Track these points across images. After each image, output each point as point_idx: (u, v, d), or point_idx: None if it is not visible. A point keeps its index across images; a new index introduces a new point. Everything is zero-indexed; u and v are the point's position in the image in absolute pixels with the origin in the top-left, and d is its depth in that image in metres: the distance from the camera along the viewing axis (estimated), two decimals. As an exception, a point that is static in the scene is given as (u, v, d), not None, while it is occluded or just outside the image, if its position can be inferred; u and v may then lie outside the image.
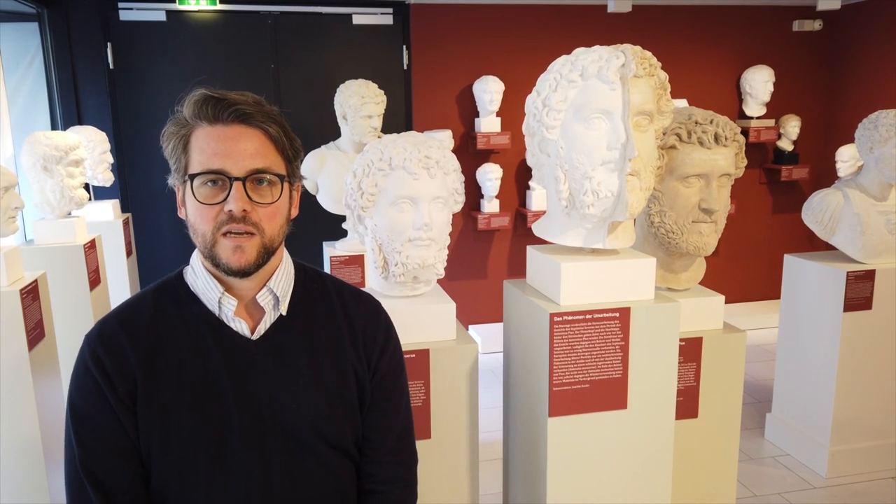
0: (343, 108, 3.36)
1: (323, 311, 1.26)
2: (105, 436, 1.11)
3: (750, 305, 5.46)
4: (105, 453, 1.11)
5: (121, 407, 1.11)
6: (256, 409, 1.15)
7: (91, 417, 1.11)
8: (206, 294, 1.18)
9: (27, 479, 2.31)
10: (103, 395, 1.11)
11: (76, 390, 1.13)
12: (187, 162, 1.12)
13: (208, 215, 1.10)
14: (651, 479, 1.76)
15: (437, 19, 4.77)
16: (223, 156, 1.09)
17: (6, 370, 2.23)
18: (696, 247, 1.97)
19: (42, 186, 3.05)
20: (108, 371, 1.11)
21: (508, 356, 1.94)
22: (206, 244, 1.12)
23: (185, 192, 1.14)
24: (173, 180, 1.16)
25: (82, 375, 1.13)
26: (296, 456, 1.17)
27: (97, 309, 3.19)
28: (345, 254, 3.21)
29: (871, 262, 2.99)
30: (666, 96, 1.65)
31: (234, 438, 1.13)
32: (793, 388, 3.30)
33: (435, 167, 1.68)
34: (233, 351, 1.16)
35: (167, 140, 1.14)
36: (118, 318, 1.17)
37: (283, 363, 1.19)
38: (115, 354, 1.13)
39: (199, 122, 1.11)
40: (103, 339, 1.14)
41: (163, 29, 4.48)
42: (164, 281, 1.23)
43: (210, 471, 1.12)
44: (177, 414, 1.12)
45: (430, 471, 1.73)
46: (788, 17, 5.26)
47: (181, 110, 1.13)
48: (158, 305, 1.18)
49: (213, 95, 1.11)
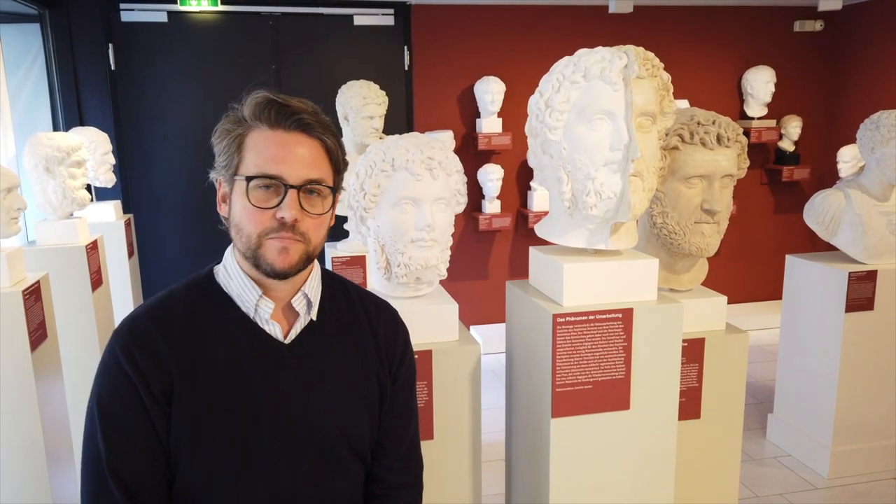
0: (345, 108, 3.36)
1: (348, 316, 1.27)
2: (135, 436, 1.09)
3: (752, 306, 5.46)
4: (134, 454, 1.09)
5: (154, 406, 1.09)
6: (287, 413, 1.15)
7: (122, 417, 1.08)
8: (243, 296, 1.16)
9: (29, 480, 2.31)
10: (137, 394, 1.08)
11: (105, 388, 1.10)
12: (240, 161, 1.11)
13: (258, 218, 1.10)
14: (654, 480, 1.76)
15: (439, 20, 4.77)
16: (281, 162, 1.09)
17: (8, 371, 2.23)
18: (698, 247, 1.97)
19: (44, 187, 3.05)
20: (143, 370, 1.08)
21: (511, 357, 1.94)
22: (251, 245, 1.11)
23: (232, 190, 1.13)
24: (217, 175, 1.15)
25: (114, 374, 1.09)
26: (320, 460, 1.18)
27: (99, 310, 3.19)
28: (347, 254, 3.21)
29: (873, 262, 2.99)
30: (669, 97, 1.65)
31: (264, 441, 1.13)
32: (794, 389, 3.30)
33: (437, 168, 1.68)
34: (266, 354, 1.16)
35: (221, 136, 1.13)
36: (150, 315, 1.14)
37: (314, 368, 1.19)
38: (149, 353, 1.10)
39: (259, 123, 1.10)
40: (136, 337, 1.11)
41: (164, 30, 4.48)
42: (195, 279, 1.21)
43: (237, 473, 1.12)
44: (209, 415, 1.11)
45: (432, 471, 1.73)
46: (789, 17, 5.26)
47: (239, 108, 1.12)
48: (191, 304, 1.16)
49: (277, 100, 1.10)
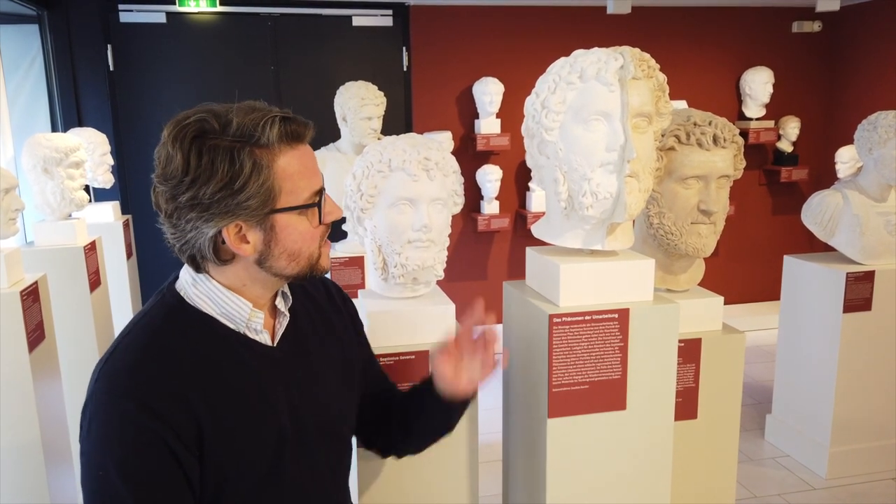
0: (343, 109, 3.36)
1: (303, 298, 1.27)
2: (171, 495, 0.99)
3: (750, 307, 5.46)
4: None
5: (187, 456, 0.99)
6: (303, 413, 1.15)
7: (155, 479, 0.97)
8: (232, 314, 1.10)
9: (27, 481, 2.31)
10: (168, 448, 0.97)
11: (131, 453, 0.96)
12: (279, 190, 1.02)
13: (318, 233, 1.10)
14: (650, 480, 1.76)
15: (437, 21, 4.78)
16: (316, 173, 1.09)
17: (6, 372, 2.23)
18: (694, 248, 1.97)
19: (42, 188, 3.05)
20: (168, 419, 0.97)
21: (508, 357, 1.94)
22: (312, 261, 1.10)
23: (274, 223, 1.04)
24: (239, 219, 1.01)
25: (130, 435, 0.96)
26: (331, 445, 1.22)
27: (97, 311, 3.20)
28: (345, 255, 3.21)
29: (871, 263, 2.99)
30: (664, 98, 1.65)
31: (291, 448, 1.12)
32: (793, 390, 3.30)
33: (434, 169, 1.68)
34: (266, 363, 1.13)
35: (243, 179, 0.98)
36: (148, 357, 1.01)
37: (303, 362, 1.20)
38: (168, 398, 0.98)
39: (281, 145, 1.03)
40: (148, 384, 0.98)
41: (163, 31, 4.48)
42: (166, 308, 1.10)
43: (272, 484, 1.10)
44: (244, 444, 1.05)
45: (429, 472, 1.74)
46: (788, 18, 5.27)
47: (253, 138, 1.00)
48: (182, 334, 1.06)
49: (286, 115, 1.05)
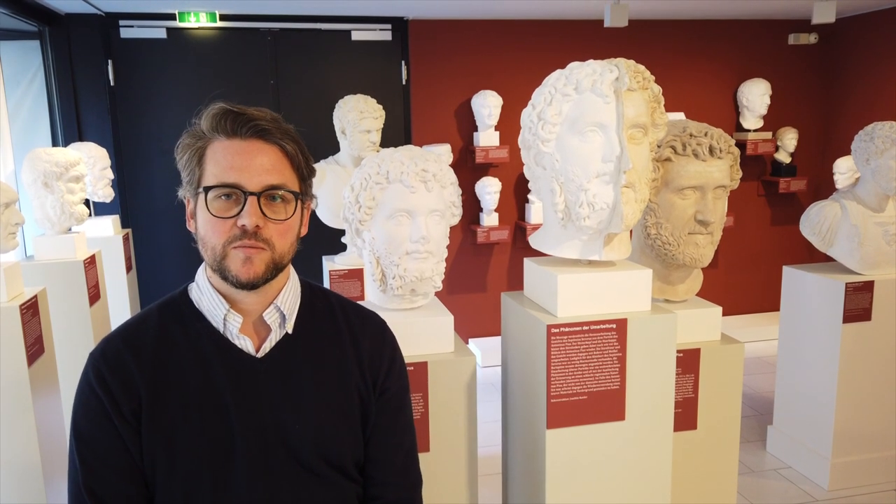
0: (342, 122, 3.38)
1: (328, 330, 1.25)
2: (108, 455, 1.10)
3: (749, 317, 5.46)
4: (108, 473, 1.10)
5: (125, 426, 1.10)
6: (260, 428, 1.14)
7: (94, 437, 1.10)
8: (212, 311, 1.17)
9: (26, 495, 2.30)
10: (107, 414, 1.10)
11: (80, 409, 1.12)
12: (201, 174, 1.12)
13: (220, 228, 1.10)
14: (650, 492, 1.75)
15: (436, 35, 4.81)
16: (239, 170, 1.09)
17: (5, 386, 2.23)
18: (692, 258, 1.97)
19: (42, 202, 3.06)
20: (113, 390, 1.10)
21: (507, 368, 1.94)
22: (216, 257, 1.11)
23: (196, 205, 1.13)
24: (184, 192, 1.16)
25: (86, 395, 1.12)
26: (299, 476, 1.16)
27: (97, 324, 3.20)
28: (344, 268, 3.21)
29: (870, 273, 2.99)
30: (660, 109, 1.67)
31: (238, 458, 1.12)
32: (793, 400, 3.29)
33: (432, 180, 1.69)
34: (237, 369, 1.15)
35: (182, 151, 1.13)
36: (122, 337, 1.16)
37: (288, 382, 1.18)
38: (119, 374, 1.11)
39: (217, 135, 1.11)
40: (107, 359, 1.13)
41: (163, 46, 4.51)
42: (169, 298, 1.22)
43: (215, 491, 1.12)
44: (182, 434, 1.11)
45: (428, 485, 1.72)
46: (784, 30, 5.30)
47: (198, 122, 1.13)
48: (163, 323, 1.17)
49: (233, 109, 1.11)
